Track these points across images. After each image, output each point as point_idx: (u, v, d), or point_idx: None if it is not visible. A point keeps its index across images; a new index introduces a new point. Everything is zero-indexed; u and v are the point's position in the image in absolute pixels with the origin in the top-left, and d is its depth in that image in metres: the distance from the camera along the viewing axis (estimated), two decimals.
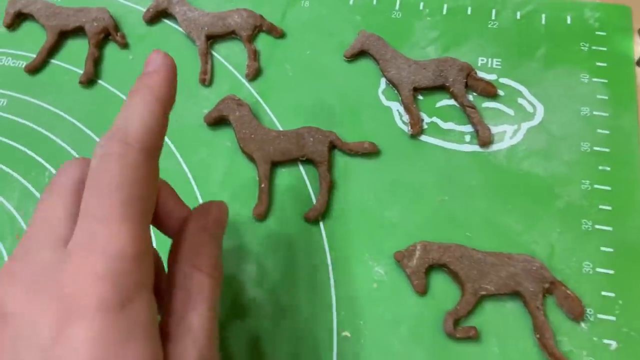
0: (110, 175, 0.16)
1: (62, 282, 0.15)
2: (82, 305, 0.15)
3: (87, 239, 0.16)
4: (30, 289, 0.16)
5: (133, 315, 0.16)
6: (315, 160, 0.31)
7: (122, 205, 0.16)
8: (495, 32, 0.35)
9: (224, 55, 0.36)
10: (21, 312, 0.15)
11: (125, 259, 0.16)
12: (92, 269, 0.15)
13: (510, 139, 0.32)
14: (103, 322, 0.15)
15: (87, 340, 0.15)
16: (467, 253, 0.28)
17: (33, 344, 0.15)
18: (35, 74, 0.36)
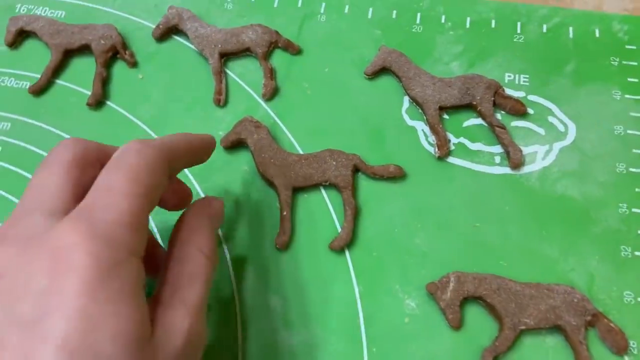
0: (125, 159, 0.19)
1: (55, 238, 0.16)
2: (76, 258, 0.16)
3: (89, 205, 0.17)
4: (23, 247, 0.17)
5: (123, 277, 0.16)
6: (339, 186, 0.30)
7: (129, 182, 0.18)
8: (522, 46, 0.34)
9: (239, 74, 0.34)
10: (14, 268, 0.16)
11: (122, 225, 0.17)
12: (88, 228, 0.16)
13: (542, 160, 0.30)
14: (94, 278, 0.15)
15: (77, 293, 0.15)
16: (504, 284, 0.27)
17: (26, 294, 0.15)
18: (39, 96, 0.34)
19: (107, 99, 0.34)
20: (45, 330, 0.15)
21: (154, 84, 0.34)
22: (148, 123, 0.33)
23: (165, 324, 0.18)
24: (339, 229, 0.29)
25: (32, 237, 0.17)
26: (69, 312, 0.15)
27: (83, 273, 0.15)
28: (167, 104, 0.33)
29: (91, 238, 0.16)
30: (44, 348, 0.15)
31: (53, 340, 0.15)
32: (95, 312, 0.15)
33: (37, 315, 0.15)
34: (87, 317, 0.15)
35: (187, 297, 0.19)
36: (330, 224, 0.30)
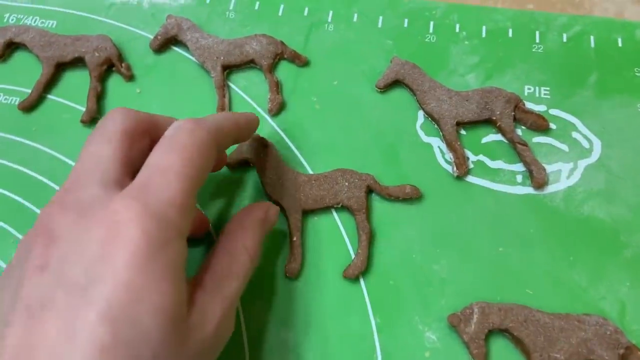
0: (179, 140, 0.19)
1: (113, 212, 0.17)
2: (129, 233, 0.16)
3: (144, 183, 0.18)
4: (80, 216, 0.17)
5: (169, 256, 0.17)
6: (352, 208, 0.28)
7: (182, 163, 0.19)
8: (541, 57, 0.32)
9: (243, 87, 0.32)
10: (69, 235, 0.17)
11: (173, 206, 0.18)
12: (143, 206, 0.17)
13: (566, 179, 0.29)
14: (144, 254, 0.16)
15: (127, 265, 0.16)
16: (531, 316, 0.25)
17: (79, 260, 0.16)
18: (30, 112, 0.32)
19: (102, 115, 0.32)
20: (91, 296, 0.16)
21: (153, 99, 0.32)
22: None
23: (203, 309, 0.19)
24: (352, 254, 0.27)
25: (90, 206, 0.18)
26: (116, 282, 0.16)
27: (134, 248, 0.16)
28: None
29: (144, 215, 0.17)
30: (88, 313, 0.16)
31: (97, 306, 0.16)
32: (140, 285, 0.16)
33: (86, 281, 0.16)
34: (132, 289, 0.16)
35: (226, 288, 0.20)
36: (343, 248, 0.28)
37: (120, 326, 0.16)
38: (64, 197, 0.19)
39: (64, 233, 0.17)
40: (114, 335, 0.15)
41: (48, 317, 0.16)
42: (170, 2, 0.35)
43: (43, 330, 0.16)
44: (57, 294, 0.16)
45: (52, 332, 0.16)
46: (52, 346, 0.15)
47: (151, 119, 0.22)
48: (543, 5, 0.34)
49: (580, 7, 0.34)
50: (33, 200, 0.29)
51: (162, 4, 0.35)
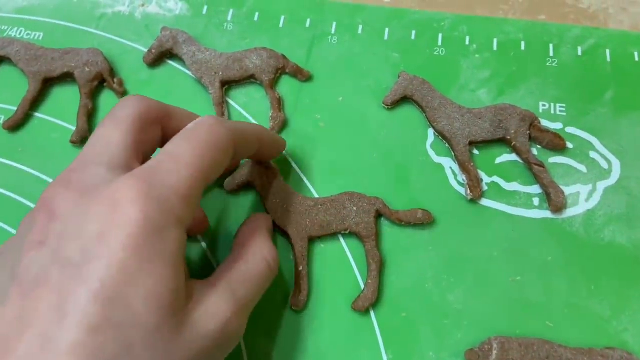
0: (197, 133, 0.19)
1: (115, 190, 0.17)
2: (128, 213, 0.16)
3: (152, 166, 0.18)
4: (83, 195, 0.17)
5: (166, 241, 0.17)
6: (361, 235, 0.26)
7: (195, 155, 0.18)
8: (556, 71, 0.31)
9: (243, 104, 0.31)
10: (70, 212, 0.17)
11: (177, 194, 0.18)
12: (146, 189, 0.17)
13: (585, 202, 0.27)
14: (140, 236, 0.16)
15: (122, 246, 0.16)
16: (553, 352, 0.23)
17: (76, 238, 0.16)
18: (15, 132, 0.30)
19: None
20: (85, 274, 0.16)
21: None
22: None
23: (208, 305, 0.18)
24: (361, 283, 0.26)
25: (93, 186, 0.18)
26: (110, 262, 0.16)
27: (132, 229, 0.16)
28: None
29: (146, 197, 0.17)
30: (80, 290, 0.15)
31: (91, 284, 0.15)
32: (134, 268, 0.16)
33: (81, 258, 0.16)
34: (126, 270, 0.16)
35: (240, 292, 0.20)
36: (352, 277, 0.26)
37: (111, 307, 0.15)
38: (67, 177, 0.18)
39: (65, 211, 0.17)
40: (104, 316, 0.15)
41: (42, 292, 0.16)
42: (165, 13, 0.34)
43: (35, 307, 0.16)
44: (52, 270, 0.16)
45: (44, 308, 0.15)
46: (43, 324, 0.15)
47: (165, 108, 0.22)
48: (555, 16, 0.33)
49: (594, 19, 0.33)
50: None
51: (156, 14, 0.34)
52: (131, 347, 0.15)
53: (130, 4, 0.34)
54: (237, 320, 0.19)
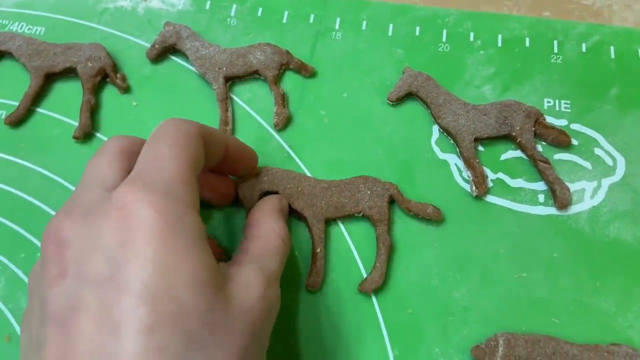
0: (164, 131, 0.19)
1: (116, 200, 0.17)
2: (141, 213, 0.16)
3: (139, 171, 0.18)
4: (87, 216, 0.17)
5: (188, 227, 0.17)
6: (374, 218, 0.26)
7: (172, 148, 0.19)
8: (560, 68, 0.31)
9: (247, 100, 0.30)
10: (80, 235, 0.17)
11: (175, 182, 0.18)
12: (146, 187, 0.17)
13: (590, 198, 0.27)
14: (162, 228, 0.16)
15: (148, 242, 0.16)
16: (559, 348, 0.23)
17: (96, 256, 0.16)
18: (18, 127, 0.30)
19: (96, 131, 0.30)
20: (122, 282, 0.15)
21: (150, 112, 0.30)
22: None
23: (241, 281, 0.19)
24: (362, 269, 0.26)
25: (94, 206, 0.17)
26: (142, 261, 0.15)
27: (150, 224, 0.16)
28: None
29: (149, 194, 0.17)
30: (125, 298, 0.15)
31: (132, 289, 0.15)
32: (168, 258, 0.16)
33: (110, 271, 0.16)
34: (161, 263, 0.16)
35: (265, 264, 0.20)
36: (352, 263, 0.26)
37: (159, 303, 0.15)
38: (66, 207, 0.18)
39: (74, 236, 0.17)
40: (156, 312, 0.15)
41: (82, 317, 0.15)
42: (168, 8, 0.33)
43: (80, 333, 0.15)
44: (84, 293, 0.16)
45: (91, 330, 0.15)
46: (95, 344, 0.15)
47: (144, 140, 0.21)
48: (560, 12, 0.33)
49: (598, 16, 0.33)
50: (22, 223, 0.27)
51: (159, 9, 0.33)
52: (192, 335, 0.15)
53: None
54: (272, 290, 0.20)
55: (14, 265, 0.26)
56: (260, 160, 0.28)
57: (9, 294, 0.26)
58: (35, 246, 0.26)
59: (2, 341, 0.25)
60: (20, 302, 0.25)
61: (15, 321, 0.25)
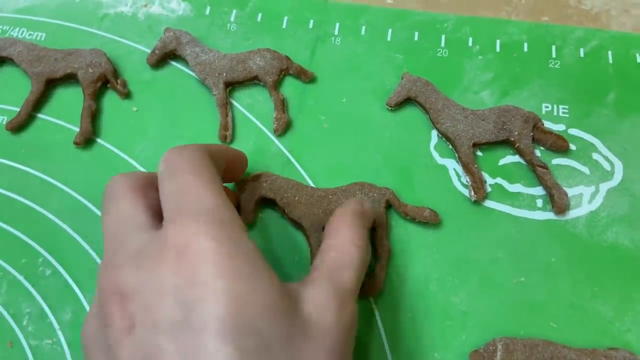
0: (173, 164, 0.19)
1: (171, 238, 0.16)
2: (199, 247, 0.16)
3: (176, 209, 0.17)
4: (139, 264, 0.16)
5: (249, 253, 0.17)
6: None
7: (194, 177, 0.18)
8: (558, 73, 0.31)
9: (246, 105, 0.31)
10: (140, 284, 0.16)
11: (220, 207, 0.17)
12: (196, 219, 0.16)
13: (588, 203, 0.27)
14: (225, 259, 0.16)
15: (217, 275, 0.15)
16: (557, 352, 0.24)
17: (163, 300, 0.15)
18: (19, 133, 0.30)
19: (97, 136, 0.30)
20: (199, 323, 0.15)
21: (151, 118, 0.30)
22: (144, 163, 0.29)
23: (315, 301, 0.18)
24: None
25: (143, 251, 0.17)
26: (216, 296, 0.15)
27: (214, 257, 0.16)
28: (165, 141, 0.29)
29: (203, 224, 0.16)
30: (204, 341, 0.15)
31: (211, 328, 0.15)
32: (240, 288, 0.15)
33: (183, 313, 0.15)
34: (234, 295, 0.15)
35: (339, 280, 0.19)
36: None
37: (241, 338, 0.15)
38: (113, 259, 0.18)
39: (133, 285, 0.16)
40: (240, 349, 0.15)
41: None
42: (168, 14, 0.34)
43: None
44: (160, 342, 0.15)
45: None
46: None
47: (149, 174, 0.21)
48: (558, 17, 0.33)
49: (596, 21, 0.33)
50: (23, 228, 0.27)
51: (159, 15, 0.34)
52: None
53: (132, 5, 0.34)
54: (348, 307, 0.19)
55: (15, 271, 0.26)
56: (260, 165, 0.28)
57: (10, 300, 0.26)
58: (35, 251, 0.27)
59: (5, 347, 0.25)
60: (22, 308, 0.25)
61: (17, 327, 0.25)
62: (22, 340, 0.25)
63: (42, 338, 0.25)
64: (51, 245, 0.27)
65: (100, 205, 0.27)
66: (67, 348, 0.24)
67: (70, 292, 0.26)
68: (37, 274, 0.26)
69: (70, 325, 0.25)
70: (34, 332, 0.25)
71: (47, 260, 0.26)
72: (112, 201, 0.20)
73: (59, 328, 0.25)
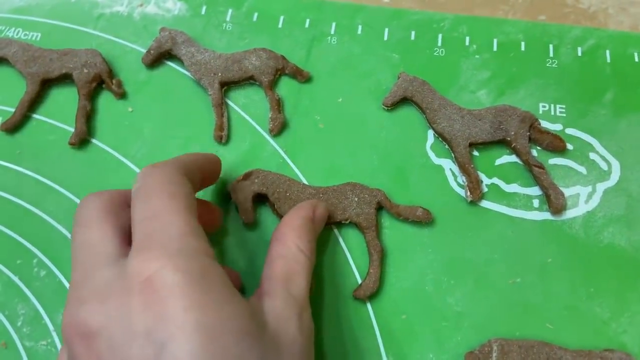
0: (148, 185, 0.19)
1: (136, 274, 0.16)
2: (167, 280, 0.15)
3: (145, 235, 0.17)
4: (104, 300, 0.16)
5: (216, 280, 0.16)
6: (361, 225, 0.26)
7: (166, 200, 0.18)
8: (556, 72, 0.31)
9: (242, 105, 0.31)
10: (105, 321, 0.16)
11: (187, 235, 0.17)
12: (161, 251, 0.16)
13: (585, 203, 0.27)
14: (193, 291, 0.15)
15: (186, 309, 0.15)
16: (553, 354, 0.23)
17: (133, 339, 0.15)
18: (14, 134, 0.30)
19: (92, 137, 0.30)
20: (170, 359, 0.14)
21: (146, 118, 0.30)
22: (139, 164, 0.29)
23: (278, 315, 0.18)
24: (357, 274, 0.26)
25: (109, 286, 0.17)
26: (187, 332, 0.15)
27: (181, 290, 0.15)
28: (161, 141, 0.29)
29: (169, 256, 0.16)
30: None
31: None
32: (211, 319, 0.15)
33: (154, 351, 0.15)
34: (205, 327, 0.15)
35: (292, 289, 0.20)
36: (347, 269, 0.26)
37: None
38: (78, 293, 0.17)
39: (99, 323, 0.16)
40: None
41: None
42: (163, 13, 0.33)
43: None
44: None
45: None
46: None
47: (122, 192, 0.21)
48: (555, 16, 0.33)
49: (594, 19, 0.33)
50: (18, 229, 0.27)
51: (154, 15, 0.33)
52: None
53: (128, 4, 0.34)
54: (306, 313, 0.20)
55: (10, 272, 0.26)
56: (255, 166, 0.28)
57: (5, 301, 0.26)
58: (30, 252, 0.27)
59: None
60: (17, 309, 0.25)
61: (12, 328, 0.25)
62: (16, 342, 0.25)
63: (37, 339, 0.25)
64: (46, 246, 0.27)
65: None
66: None
67: (65, 293, 0.26)
68: (32, 275, 0.26)
69: None
70: (28, 334, 0.25)
71: (42, 261, 0.26)
72: (80, 228, 0.19)
73: (54, 329, 0.25)
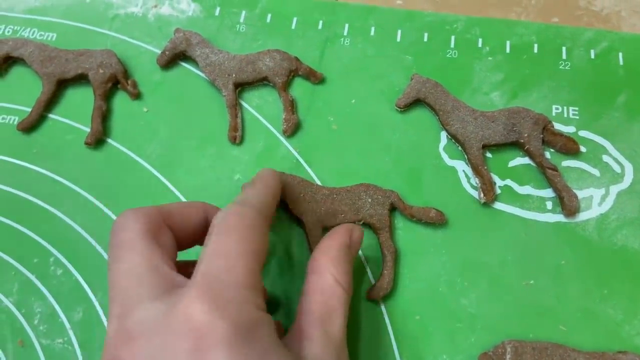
0: (230, 223, 0.19)
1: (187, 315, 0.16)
2: (216, 331, 0.15)
3: (206, 272, 0.17)
4: (152, 339, 0.16)
5: (264, 334, 0.16)
6: (375, 226, 0.26)
7: (240, 243, 0.18)
8: (569, 74, 0.31)
9: (256, 106, 0.31)
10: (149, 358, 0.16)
11: (245, 286, 0.17)
12: (216, 296, 0.16)
13: (598, 205, 0.27)
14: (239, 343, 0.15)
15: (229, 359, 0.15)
16: (566, 356, 0.24)
17: None
18: (30, 133, 0.30)
19: (107, 137, 0.30)
20: None
21: (161, 119, 0.30)
22: (154, 164, 0.29)
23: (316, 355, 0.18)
24: (370, 275, 0.26)
25: (157, 324, 0.16)
26: None
27: (228, 342, 0.15)
28: (175, 142, 0.30)
29: (223, 305, 0.16)
30: None
31: None
32: None
33: None
34: None
35: (331, 329, 0.19)
36: (361, 269, 0.26)
37: None
38: (123, 326, 0.17)
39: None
40: None
41: None
42: (177, 14, 0.34)
43: None
44: None
45: None
46: None
47: (160, 209, 0.21)
48: (568, 18, 0.33)
49: (607, 22, 0.33)
50: (35, 228, 0.28)
51: (169, 16, 0.34)
52: None
53: (142, 5, 0.34)
54: (343, 354, 0.19)
55: (27, 271, 0.27)
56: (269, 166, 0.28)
57: (22, 299, 0.26)
58: (47, 250, 0.27)
59: (16, 345, 0.25)
60: (34, 307, 0.26)
61: (29, 326, 0.25)
62: (33, 340, 0.25)
63: (53, 337, 0.25)
64: (62, 245, 0.27)
65: (110, 205, 0.28)
66: (77, 347, 0.25)
67: (81, 292, 0.26)
68: (48, 273, 0.26)
69: (81, 324, 0.25)
70: (45, 332, 0.25)
71: (58, 259, 0.27)
72: (119, 251, 0.19)
73: (70, 327, 0.25)
